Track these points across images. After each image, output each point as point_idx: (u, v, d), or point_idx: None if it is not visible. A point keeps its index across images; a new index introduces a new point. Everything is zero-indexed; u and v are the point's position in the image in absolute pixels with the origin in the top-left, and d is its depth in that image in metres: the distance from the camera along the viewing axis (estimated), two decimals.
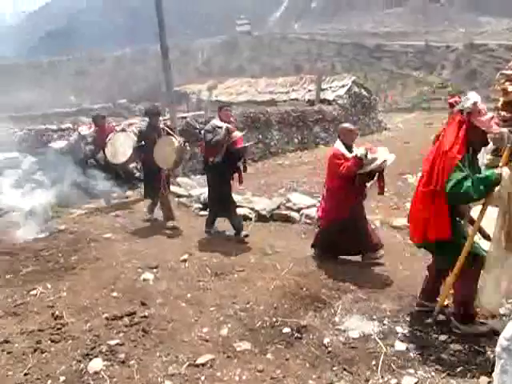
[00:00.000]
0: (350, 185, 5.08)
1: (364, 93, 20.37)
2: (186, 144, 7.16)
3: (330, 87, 19.33)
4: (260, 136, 14.45)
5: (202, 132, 6.40)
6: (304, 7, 64.13)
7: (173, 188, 8.65)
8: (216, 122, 6.29)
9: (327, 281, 4.82)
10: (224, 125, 6.15)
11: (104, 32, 59.17)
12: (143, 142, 7.21)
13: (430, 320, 3.85)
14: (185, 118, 12.35)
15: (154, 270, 5.22)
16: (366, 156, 4.86)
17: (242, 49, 46.13)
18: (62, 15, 69.24)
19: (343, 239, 5.25)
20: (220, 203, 6.45)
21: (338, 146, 5.24)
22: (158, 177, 7.10)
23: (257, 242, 6.12)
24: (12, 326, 4.06)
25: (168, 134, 7.17)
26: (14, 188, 8.06)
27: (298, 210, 7.26)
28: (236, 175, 6.40)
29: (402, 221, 6.35)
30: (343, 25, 49.99)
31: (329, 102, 18.44)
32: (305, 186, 9.35)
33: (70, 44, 54.64)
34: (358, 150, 4.97)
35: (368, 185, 5.29)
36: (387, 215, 7.19)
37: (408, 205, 7.65)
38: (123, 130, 8.54)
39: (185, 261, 5.50)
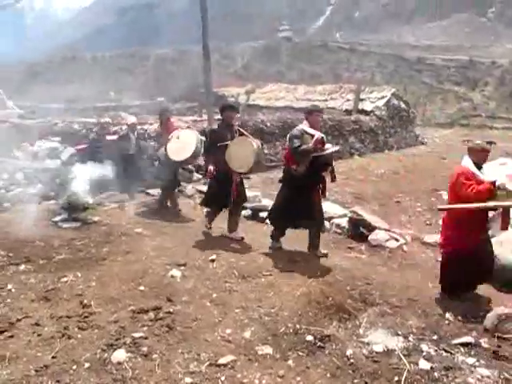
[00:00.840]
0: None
1: (403, 105, 20.06)
2: (264, 146, 6.60)
3: (369, 98, 19.12)
4: None
5: (288, 136, 5.70)
6: (346, 17, 63.74)
7: (205, 188, 8.70)
8: (305, 127, 5.64)
9: (353, 292, 4.77)
10: (316, 133, 5.57)
11: (150, 31, 60.40)
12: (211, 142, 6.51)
13: (457, 341, 3.77)
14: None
15: (182, 268, 5.28)
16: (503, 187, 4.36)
17: (282, 55, 46.17)
18: (111, 12, 71.01)
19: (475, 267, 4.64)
20: (302, 216, 5.77)
21: (468, 164, 4.65)
22: (229, 182, 6.35)
23: (285, 248, 6.11)
24: (43, 310, 4.19)
25: (242, 134, 6.54)
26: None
27: (329, 219, 7.22)
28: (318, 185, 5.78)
29: (434, 237, 6.22)
30: (385, 36, 49.43)
31: (366, 113, 18.24)
32: (336, 195, 9.28)
33: (116, 41, 55.98)
34: (499, 180, 4.42)
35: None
36: (419, 231, 7.07)
37: (441, 221, 7.53)
38: (189, 128, 8.23)
39: (213, 261, 5.54)
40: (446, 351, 3.69)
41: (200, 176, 10.46)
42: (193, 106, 24.37)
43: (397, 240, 6.57)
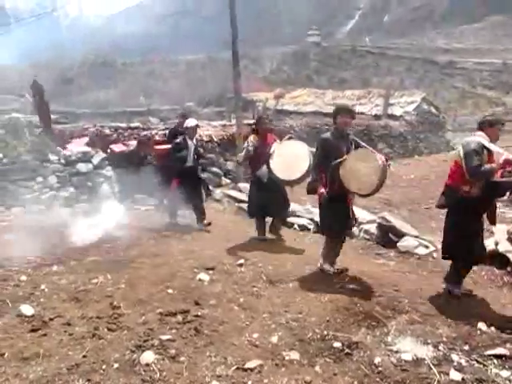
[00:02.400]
0: None
1: (433, 110, 19.77)
2: (390, 163, 5.48)
3: (398, 103, 18.92)
4: None
5: (464, 151, 4.59)
6: (376, 21, 63.27)
7: (233, 193, 8.79)
8: (482, 140, 4.57)
9: (382, 299, 4.70)
10: (499, 150, 4.58)
11: (178, 37, 61.38)
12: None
13: (491, 352, 3.66)
14: (250, 124, 12.52)
15: (210, 272, 5.31)
16: None
17: (311, 59, 46.14)
18: (139, 20, 72.55)
19: None
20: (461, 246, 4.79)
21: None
22: (342, 206, 5.26)
23: (313, 253, 6.07)
24: (74, 310, 4.28)
25: (358, 145, 5.33)
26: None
27: (358, 225, 7.15)
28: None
29: None
30: (415, 40, 48.79)
31: (396, 118, 18.05)
32: (364, 201, 9.17)
33: (145, 47, 57.04)
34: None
35: None
36: None
37: None
38: (290, 138, 6.38)
39: (241, 265, 5.57)
40: (478, 362, 3.58)
41: (228, 181, 10.51)
42: (221, 110, 24.60)
43: (426, 247, 6.46)
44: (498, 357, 3.62)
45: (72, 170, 8.53)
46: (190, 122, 7.44)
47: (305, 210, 7.93)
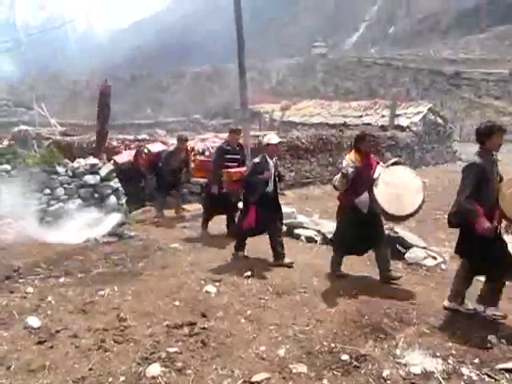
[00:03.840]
0: None
1: (440, 121, 19.73)
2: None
3: (405, 113, 18.90)
4: (331, 159, 14.41)
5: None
6: (381, 32, 63.54)
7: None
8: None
9: (390, 311, 4.66)
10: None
11: (185, 50, 62.01)
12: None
13: (502, 366, 3.61)
14: (257, 136, 12.55)
15: (217, 284, 5.30)
16: None
17: (317, 71, 46.33)
18: (148, 34, 73.52)
19: None
20: None
21: None
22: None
23: (321, 265, 6.04)
24: (81, 322, 4.27)
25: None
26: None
27: None
28: None
29: None
30: (421, 51, 48.88)
31: (402, 129, 18.02)
32: None
33: (153, 60, 57.68)
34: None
35: None
36: None
37: None
38: (397, 163, 5.52)
39: (248, 277, 5.55)
40: (489, 376, 3.53)
41: None
42: (228, 122, 24.73)
43: (434, 258, 6.41)
44: (509, 371, 3.57)
45: (79, 182, 8.56)
46: (273, 139, 6.13)
47: (311, 221, 7.91)
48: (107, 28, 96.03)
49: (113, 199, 8.43)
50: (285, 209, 7.24)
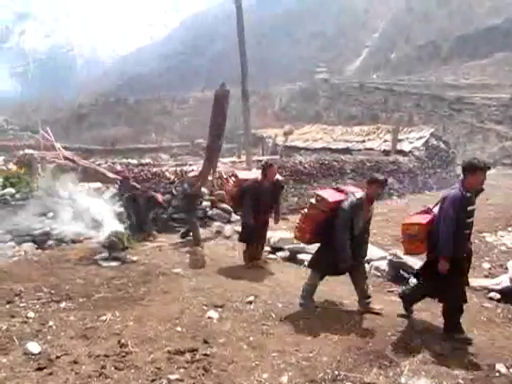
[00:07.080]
0: None
1: (442, 145, 19.79)
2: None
3: (407, 138, 18.99)
4: (334, 183, 14.45)
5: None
6: (383, 58, 64.38)
7: None
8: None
9: (394, 338, 4.60)
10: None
11: (188, 75, 62.92)
12: None
13: None
14: (260, 161, 12.60)
15: (219, 309, 5.25)
16: None
17: (319, 96, 46.78)
18: (150, 59, 74.90)
19: None
20: None
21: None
22: None
23: (324, 291, 5.98)
24: (81, 348, 4.23)
25: None
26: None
27: (368, 262, 7.05)
28: None
29: (479, 281, 5.97)
30: (422, 76, 49.42)
31: (405, 154, 18.09)
32: (375, 237, 9.10)
33: (155, 85, 58.51)
34: None
35: None
36: None
37: (485, 265, 7.24)
38: None
39: (250, 302, 5.49)
40: None
41: (238, 217, 10.49)
42: (232, 147, 24.88)
43: None
44: None
45: (83, 206, 8.58)
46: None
47: (314, 246, 7.84)
48: (112, 54, 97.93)
49: (116, 223, 8.43)
50: (287, 234, 7.23)
